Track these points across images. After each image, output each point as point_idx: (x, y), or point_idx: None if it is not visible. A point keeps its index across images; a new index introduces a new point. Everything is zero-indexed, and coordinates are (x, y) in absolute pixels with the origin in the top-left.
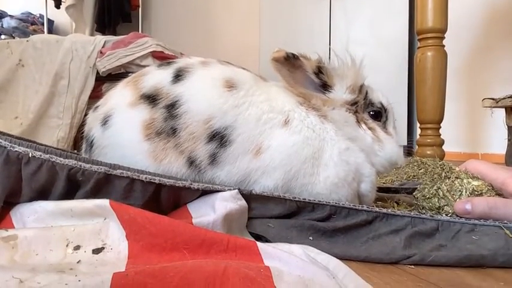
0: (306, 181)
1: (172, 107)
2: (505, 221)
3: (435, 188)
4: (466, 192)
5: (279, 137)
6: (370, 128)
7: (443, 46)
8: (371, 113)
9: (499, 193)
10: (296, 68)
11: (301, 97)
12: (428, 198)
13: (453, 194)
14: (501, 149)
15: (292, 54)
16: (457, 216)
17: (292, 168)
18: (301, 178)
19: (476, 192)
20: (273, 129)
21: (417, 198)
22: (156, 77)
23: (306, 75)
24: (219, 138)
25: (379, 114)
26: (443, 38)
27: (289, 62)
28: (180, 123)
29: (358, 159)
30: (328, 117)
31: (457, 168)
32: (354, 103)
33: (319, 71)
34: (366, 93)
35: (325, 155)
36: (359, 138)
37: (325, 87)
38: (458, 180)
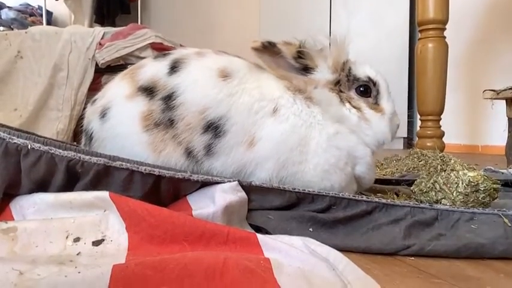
0: (296, 169)
1: (169, 99)
2: (504, 209)
3: (431, 181)
4: (462, 183)
5: (269, 127)
6: (355, 107)
7: (444, 37)
8: (360, 89)
9: (496, 183)
10: (276, 54)
11: (284, 79)
12: (426, 192)
13: (450, 187)
14: (501, 140)
15: (269, 42)
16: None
17: (281, 157)
18: (291, 166)
19: (472, 183)
20: (264, 118)
21: (415, 192)
22: (153, 69)
23: (287, 60)
24: (213, 128)
25: (367, 89)
26: (444, 29)
27: (268, 49)
28: (177, 114)
29: (349, 142)
30: (314, 98)
31: (452, 160)
32: (337, 82)
33: (299, 55)
34: (350, 69)
35: (313, 142)
36: (344, 119)
37: (307, 69)
38: (454, 172)
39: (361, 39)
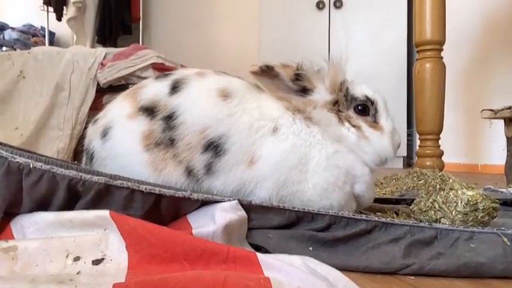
0: (295, 188)
1: (169, 118)
2: (503, 228)
3: (431, 200)
4: (461, 203)
5: (268, 146)
6: (354, 126)
7: (442, 58)
8: (359, 108)
9: (494, 202)
10: (275, 77)
11: (283, 100)
12: (425, 211)
13: (449, 206)
14: (501, 160)
15: (267, 66)
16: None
17: (281, 176)
18: (290, 186)
19: (471, 203)
20: (264, 138)
21: (414, 211)
22: (154, 89)
23: (285, 82)
24: (214, 147)
25: (366, 108)
26: (441, 50)
27: (266, 73)
28: (178, 133)
29: (348, 161)
30: (314, 118)
31: (451, 179)
32: (335, 102)
33: (297, 77)
34: (347, 89)
35: (313, 161)
36: (343, 138)
37: (305, 91)
38: (453, 191)
39: (360, 59)
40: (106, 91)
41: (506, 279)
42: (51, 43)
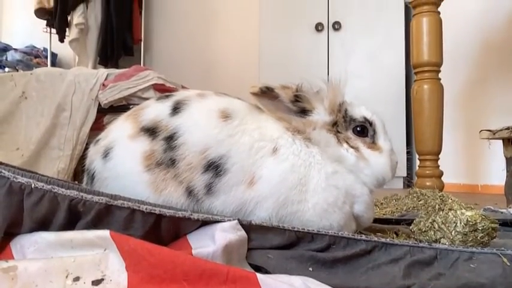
0: (295, 208)
1: (171, 139)
2: (503, 248)
3: (430, 221)
4: (460, 223)
5: (268, 167)
6: (353, 147)
7: (439, 79)
8: (357, 129)
9: (494, 222)
10: (274, 98)
11: (283, 121)
12: (425, 231)
13: (448, 226)
14: (500, 180)
15: (267, 87)
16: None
17: (281, 197)
18: (290, 206)
19: (470, 223)
20: (264, 158)
21: (414, 232)
22: (156, 110)
23: (285, 104)
24: (214, 167)
25: (364, 129)
26: (439, 71)
27: (266, 94)
28: (179, 154)
29: (346, 181)
30: (313, 139)
31: (450, 200)
32: (334, 123)
33: (296, 99)
34: (346, 110)
35: (313, 181)
36: (343, 159)
37: (304, 112)
38: (452, 211)
39: (359, 80)
40: (107, 111)
41: None
42: (54, 64)
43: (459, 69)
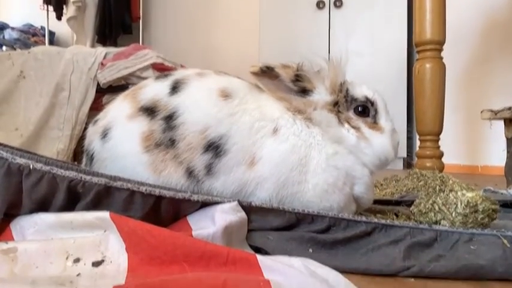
0: (295, 189)
1: (170, 119)
2: (503, 230)
3: (430, 202)
4: (461, 204)
5: (269, 147)
6: (354, 127)
7: (442, 58)
8: (359, 109)
9: (494, 203)
10: (275, 78)
11: (283, 101)
12: (425, 213)
13: (448, 207)
14: (501, 161)
15: (267, 67)
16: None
17: (281, 177)
18: (291, 186)
19: (470, 204)
20: (264, 138)
21: (414, 213)
22: (154, 89)
23: (285, 83)
24: (214, 148)
25: (366, 109)
26: (441, 50)
27: (267, 73)
28: (178, 134)
29: (347, 162)
30: (314, 119)
31: (451, 181)
32: (335, 103)
33: (297, 78)
34: (347, 90)
35: (313, 162)
36: (343, 139)
37: (305, 91)
38: (453, 193)
39: (360, 60)
40: (106, 91)
41: (506, 282)
42: (51, 43)
43: (461, 49)
